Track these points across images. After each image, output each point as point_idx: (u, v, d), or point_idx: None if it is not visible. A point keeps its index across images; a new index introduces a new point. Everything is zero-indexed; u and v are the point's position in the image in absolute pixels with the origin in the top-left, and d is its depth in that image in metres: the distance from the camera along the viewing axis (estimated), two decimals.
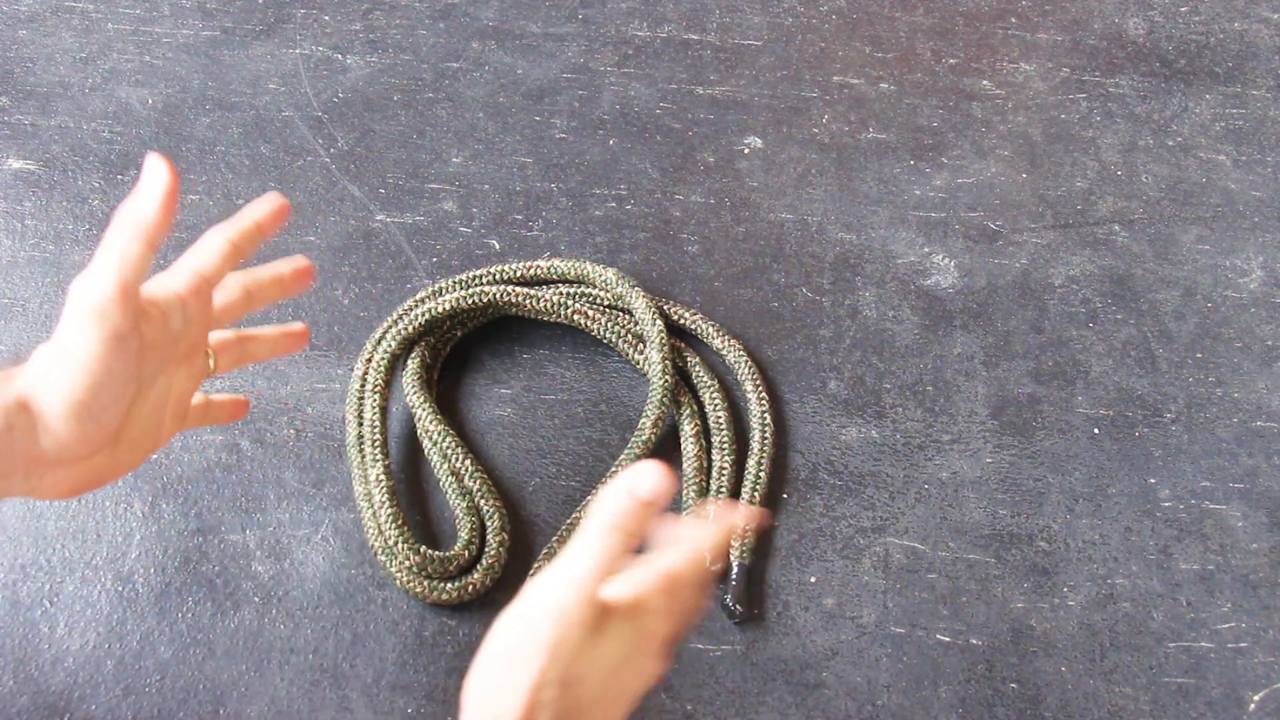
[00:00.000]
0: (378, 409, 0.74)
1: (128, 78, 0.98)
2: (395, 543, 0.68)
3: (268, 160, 0.91)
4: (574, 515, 0.71)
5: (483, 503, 0.71)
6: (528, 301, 0.79)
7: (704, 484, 0.73)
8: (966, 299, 0.86)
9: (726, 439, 0.75)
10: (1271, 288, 0.87)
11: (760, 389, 0.78)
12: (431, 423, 0.74)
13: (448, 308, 0.77)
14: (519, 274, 0.82)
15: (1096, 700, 0.66)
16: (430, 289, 0.80)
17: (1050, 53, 1.06)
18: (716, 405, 0.76)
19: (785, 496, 0.74)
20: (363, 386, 0.75)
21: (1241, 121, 1.00)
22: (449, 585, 0.67)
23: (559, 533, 0.70)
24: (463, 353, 0.80)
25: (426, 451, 0.74)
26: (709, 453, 0.75)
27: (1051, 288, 0.87)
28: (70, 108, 0.95)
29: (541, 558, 0.69)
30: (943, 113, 1.00)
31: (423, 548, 0.68)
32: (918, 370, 0.81)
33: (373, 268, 0.85)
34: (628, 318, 0.80)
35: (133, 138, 0.93)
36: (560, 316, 0.79)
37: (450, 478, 0.72)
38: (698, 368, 0.79)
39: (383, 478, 0.70)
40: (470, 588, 0.67)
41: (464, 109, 0.97)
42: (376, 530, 0.69)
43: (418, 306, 0.78)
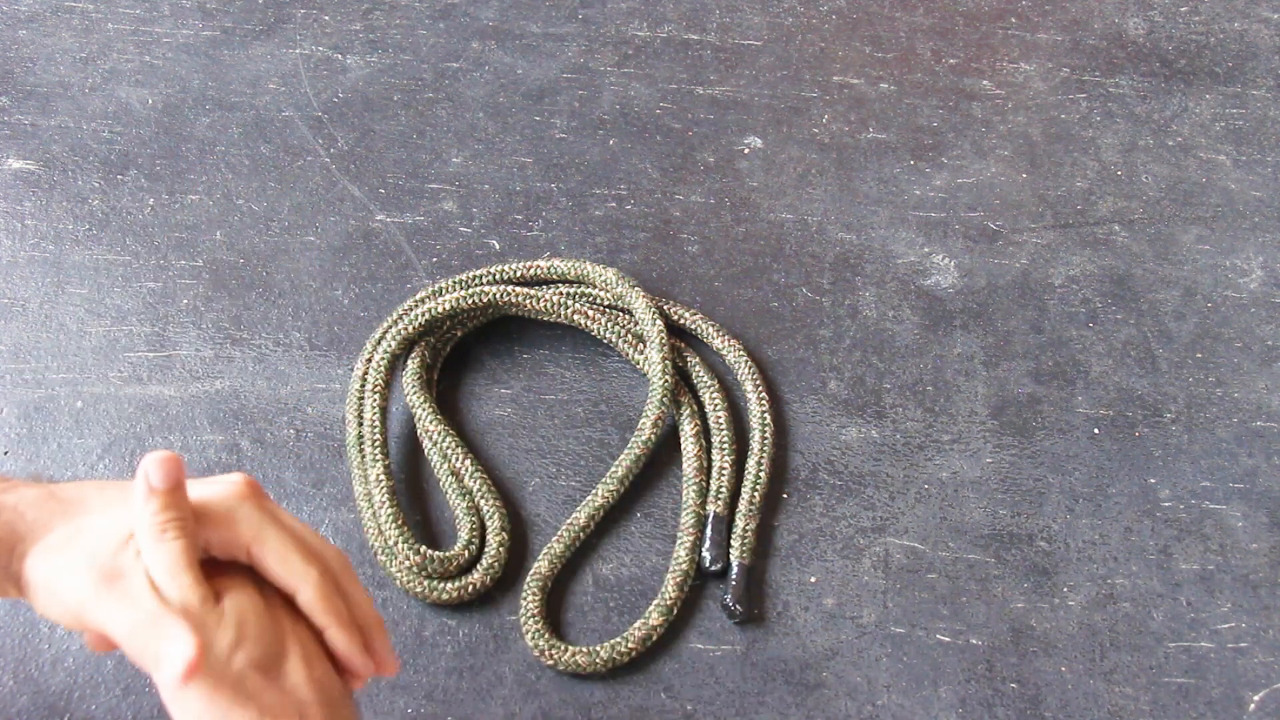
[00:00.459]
0: (378, 409, 0.74)
1: (128, 78, 0.98)
2: (395, 543, 0.67)
3: (268, 160, 0.91)
4: (574, 515, 0.71)
5: (483, 503, 0.71)
6: (528, 301, 0.79)
7: (704, 484, 0.73)
8: (966, 299, 0.86)
9: (726, 439, 0.75)
10: (1271, 288, 0.87)
11: (760, 389, 0.78)
12: (431, 423, 0.74)
13: (448, 308, 0.77)
14: (519, 274, 0.82)
15: (1096, 700, 0.66)
16: (430, 289, 0.80)
17: (1050, 53, 1.06)
18: (716, 405, 0.76)
19: (785, 496, 0.74)
20: (363, 386, 0.75)
21: (1241, 121, 1.00)
22: (449, 585, 0.67)
23: (559, 533, 0.70)
24: (463, 353, 0.80)
25: (426, 451, 0.74)
26: (709, 453, 0.75)
27: (1051, 288, 0.87)
28: (70, 108, 0.95)
29: (541, 557, 0.69)
30: (943, 113, 1.00)
31: (423, 548, 0.67)
32: (918, 370, 0.81)
33: (373, 268, 0.85)
34: (628, 318, 0.80)
35: (133, 138, 0.93)
36: (560, 316, 0.79)
37: (450, 478, 0.72)
38: (698, 368, 0.79)
39: (383, 478, 0.70)
40: (470, 588, 0.67)
41: (464, 109, 0.97)
42: (376, 530, 0.69)
43: (418, 306, 0.78)
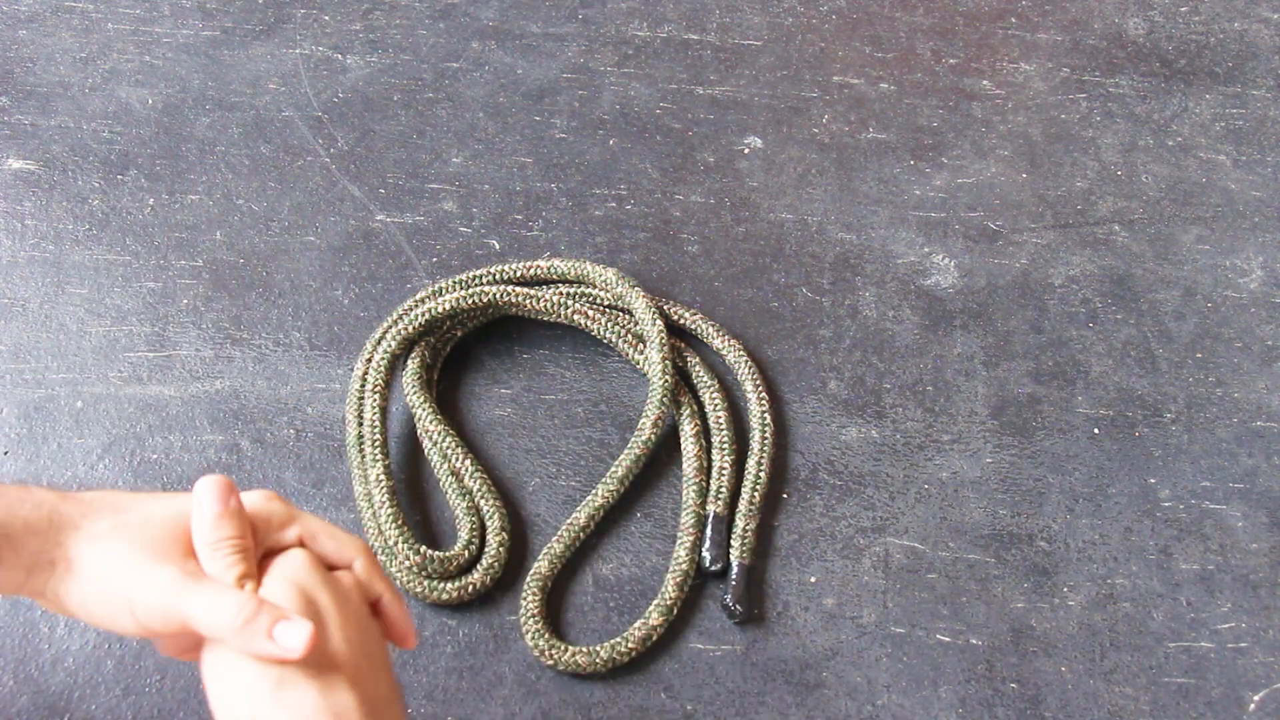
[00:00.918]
0: (378, 409, 0.74)
1: (128, 78, 0.98)
2: (395, 543, 0.67)
3: (268, 160, 0.91)
4: (574, 515, 0.71)
5: (483, 503, 0.71)
6: (528, 301, 0.79)
7: (704, 484, 0.73)
8: (966, 299, 0.86)
9: (726, 439, 0.75)
10: (1271, 288, 0.87)
11: (760, 389, 0.78)
12: (431, 423, 0.74)
13: (448, 308, 0.77)
14: (519, 274, 0.81)
15: (1096, 700, 0.66)
16: (430, 289, 0.80)
17: (1050, 53, 1.06)
18: (716, 405, 0.76)
19: (785, 496, 0.74)
20: (363, 386, 0.75)
21: (1241, 121, 1.00)
22: (449, 585, 0.67)
23: (559, 533, 0.70)
24: (463, 353, 0.80)
25: (426, 451, 0.74)
26: (709, 453, 0.75)
27: (1051, 288, 0.87)
28: (70, 108, 0.95)
29: (541, 557, 0.69)
30: (943, 113, 1.00)
31: (423, 548, 0.67)
32: (918, 370, 0.81)
33: (373, 268, 0.85)
34: (628, 318, 0.80)
35: (133, 138, 0.93)
36: (560, 316, 0.79)
37: (450, 478, 0.72)
38: (698, 368, 0.79)
39: (383, 478, 0.70)
40: (470, 588, 0.67)
41: (464, 109, 0.97)
42: (376, 530, 0.69)
43: (418, 306, 0.78)
